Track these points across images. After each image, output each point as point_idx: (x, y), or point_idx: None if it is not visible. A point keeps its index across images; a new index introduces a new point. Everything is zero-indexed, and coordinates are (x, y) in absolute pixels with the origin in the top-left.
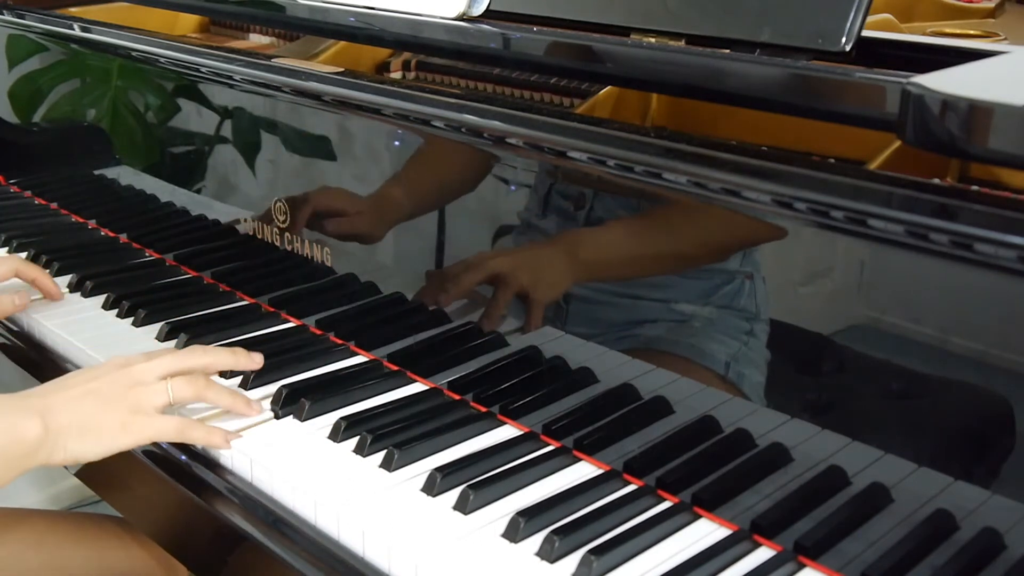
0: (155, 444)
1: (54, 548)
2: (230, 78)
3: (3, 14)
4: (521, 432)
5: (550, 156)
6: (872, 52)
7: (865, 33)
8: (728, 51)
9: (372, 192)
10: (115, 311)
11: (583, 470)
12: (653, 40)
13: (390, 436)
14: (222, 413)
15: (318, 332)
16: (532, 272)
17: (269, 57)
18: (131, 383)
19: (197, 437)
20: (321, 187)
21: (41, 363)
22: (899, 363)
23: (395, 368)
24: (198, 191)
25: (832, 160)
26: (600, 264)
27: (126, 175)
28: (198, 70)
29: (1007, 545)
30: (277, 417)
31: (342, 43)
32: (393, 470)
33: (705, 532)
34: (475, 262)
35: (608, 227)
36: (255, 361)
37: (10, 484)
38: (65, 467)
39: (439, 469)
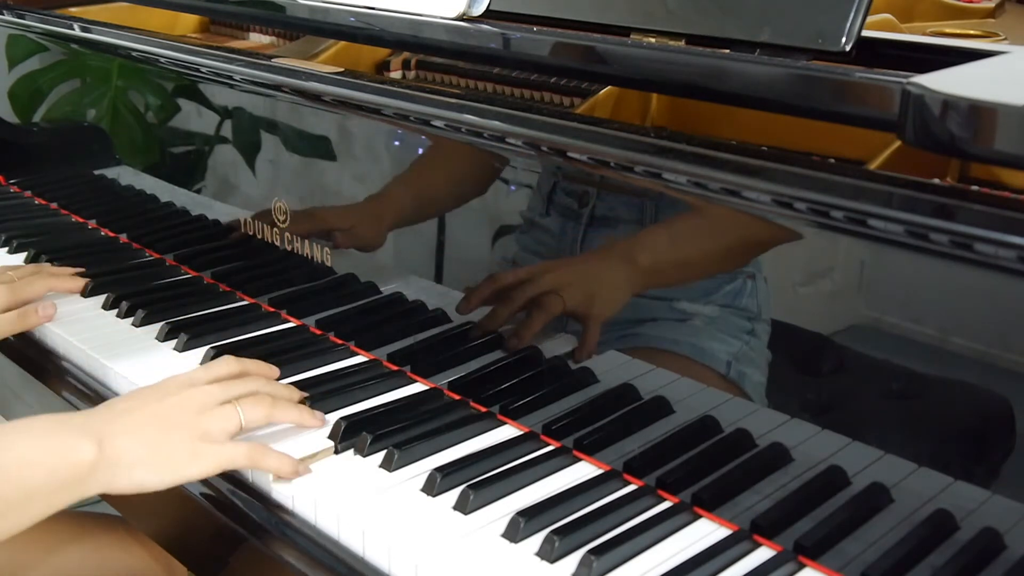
0: None
1: (54, 547)
2: (230, 78)
3: (3, 14)
4: (521, 432)
5: (550, 156)
6: (872, 52)
7: (865, 33)
8: (728, 51)
9: (371, 195)
10: (115, 311)
11: (583, 470)
12: (653, 40)
13: (390, 436)
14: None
15: (318, 332)
16: (585, 288)
17: (269, 57)
18: (199, 407)
19: (270, 465)
20: (322, 200)
21: (40, 363)
22: (899, 363)
23: (395, 368)
24: (198, 191)
25: (832, 160)
26: (652, 272)
27: (126, 175)
28: (198, 70)
29: (1007, 545)
30: None
31: (342, 43)
32: (393, 470)
33: (705, 532)
34: (524, 279)
35: (646, 235)
36: (317, 417)
37: None
38: None
39: (439, 469)
